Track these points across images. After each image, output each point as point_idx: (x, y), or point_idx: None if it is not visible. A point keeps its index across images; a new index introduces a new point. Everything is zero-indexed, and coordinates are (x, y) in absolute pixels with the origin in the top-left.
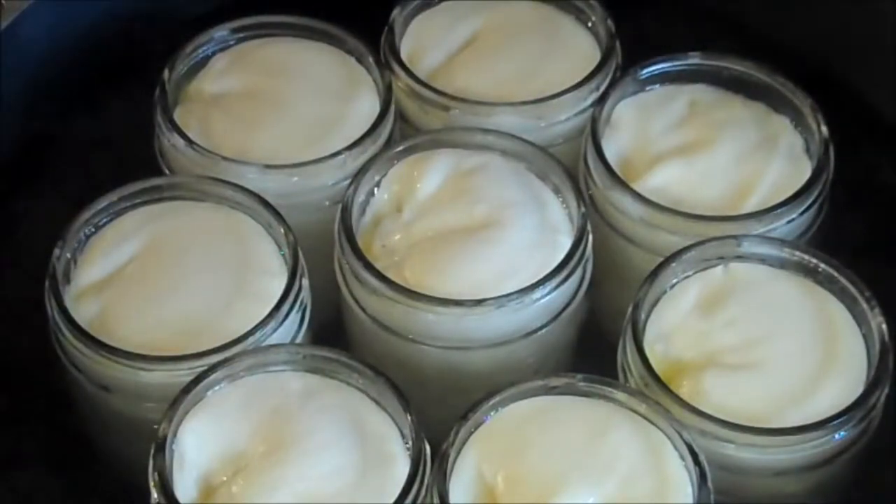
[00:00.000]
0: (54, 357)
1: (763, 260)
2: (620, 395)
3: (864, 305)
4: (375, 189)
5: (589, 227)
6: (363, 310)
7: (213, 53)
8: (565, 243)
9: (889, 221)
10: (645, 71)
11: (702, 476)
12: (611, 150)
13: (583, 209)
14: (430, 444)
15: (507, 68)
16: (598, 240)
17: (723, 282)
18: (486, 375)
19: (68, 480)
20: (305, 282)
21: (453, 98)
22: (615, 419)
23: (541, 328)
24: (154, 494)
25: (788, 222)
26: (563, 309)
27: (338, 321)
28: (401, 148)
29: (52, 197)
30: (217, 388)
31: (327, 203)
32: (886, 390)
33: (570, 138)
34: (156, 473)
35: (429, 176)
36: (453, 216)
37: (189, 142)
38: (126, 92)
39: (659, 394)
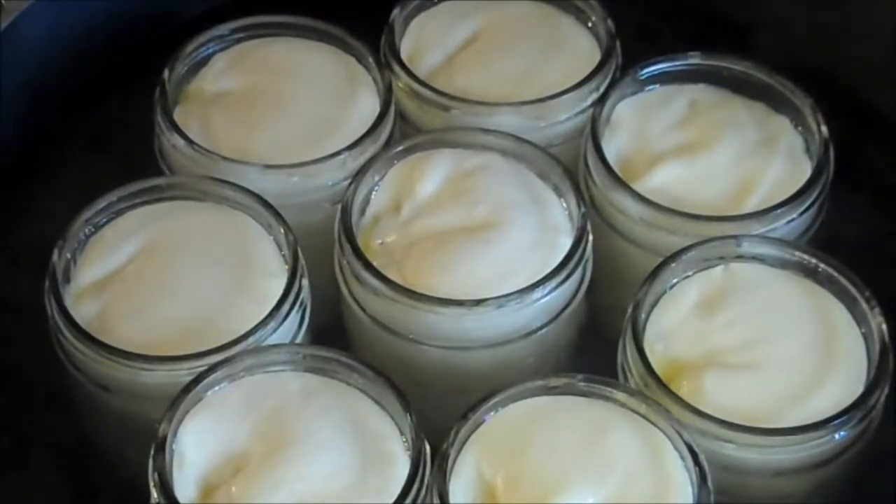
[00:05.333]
0: (54, 357)
1: (763, 260)
2: (620, 395)
3: (864, 305)
4: (375, 189)
5: (589, 227)
6: (363, 310)
7: (213, 53)
8: (565, 243)
9: (889, 221)
10: (645, 71)
11: (702, 476)
12: (611, 150)
13: (583, 209)
14: (430, 444)
15: (507, 68)
16: (598, 240)
17: (723, 282)
18: (486, 375)
19: (68, 480)
20: (305, 282)
21: (453, 98)
22: (615, 419)
23: (541, 328)
24: (154, 494)
25: (788, 222)
26: (563, 309)
27: (338, 321)
28: (401, 148)
29: (52, 197)
30: (217, 388)
31: (327, 203)
32: (886, 390)
33: (570, 138)
34: (156, 473)
35: (429, 176)
36: (453, 216)
37: (189, 142)
38: (126, 92)
39: (659, 394)
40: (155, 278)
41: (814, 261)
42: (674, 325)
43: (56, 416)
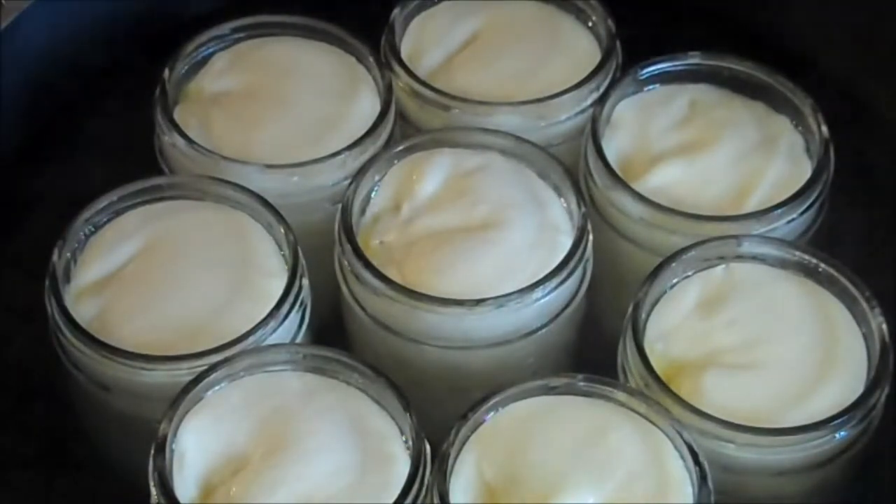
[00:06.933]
0: (54, 357)
1: (763, 260)
2: (620, 395)
3: (864, 305)
4: (375, 189)
5: (589, 227)
6: (363, 309)
7: (213, 53)
8: (565, 243)
9: (888, 221)
10: (645, 71)
11: (702, 476)
12: (611, 150)
13: (583, 209)
14: (430, 444)
15: (507, 68)
16: (598, 240)
17: (723, 282)
18: (486, 375)
19: (68, 480)
20: (305, 282)
21: (453, 98)
22: (615, 419)
23: (540, 328)
24: (154, 494)
25: (788, 222)
26: (563, 309)
27: (338, 321)
28: (401, 148)
29: (52, 196)
30: (217, 387)
31: (327, 203)
32: (886, 390)
33: (570, 138)
34: (156, 473)
35: (429, 176)
36: (453, 216)
37: (189, 141)
38: (126, 92)
39: (659, 394)
40: (155, 278)
41: (814, 261)
42: (674, 325)
43: (56, 416)
